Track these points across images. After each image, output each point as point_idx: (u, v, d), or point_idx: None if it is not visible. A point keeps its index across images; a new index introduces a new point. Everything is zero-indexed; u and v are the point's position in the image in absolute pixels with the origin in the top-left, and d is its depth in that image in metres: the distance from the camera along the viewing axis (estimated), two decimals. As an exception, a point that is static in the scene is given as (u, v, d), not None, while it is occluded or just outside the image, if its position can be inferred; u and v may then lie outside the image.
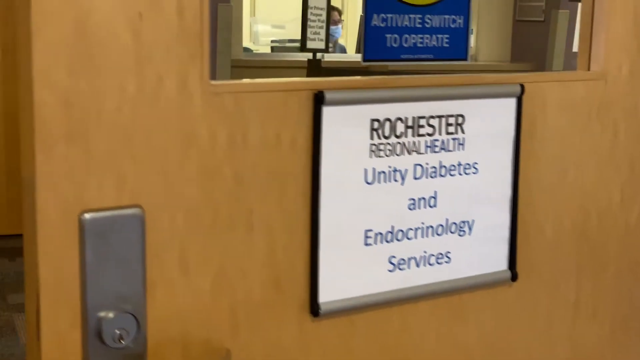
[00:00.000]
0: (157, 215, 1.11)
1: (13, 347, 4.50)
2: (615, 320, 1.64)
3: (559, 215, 1.53)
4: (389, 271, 1.33)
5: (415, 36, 1.23)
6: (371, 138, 1.28)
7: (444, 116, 1.35)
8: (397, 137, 1.30)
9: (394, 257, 1.33)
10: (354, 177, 1.28)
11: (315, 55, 6.10)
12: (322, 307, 1.26)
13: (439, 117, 1.34)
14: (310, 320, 1.27)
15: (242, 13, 7.91)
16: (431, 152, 1.34)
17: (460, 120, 1.37)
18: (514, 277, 1.46)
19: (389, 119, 1.29)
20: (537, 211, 1.49)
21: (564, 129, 1.50)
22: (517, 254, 1.46)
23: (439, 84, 1.35)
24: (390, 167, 1.30)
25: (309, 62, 6.13)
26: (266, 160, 1.20)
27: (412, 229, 1.34)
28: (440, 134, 1.35)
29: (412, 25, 1.22)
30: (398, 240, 1.33)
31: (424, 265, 1.36)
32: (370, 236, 1.30)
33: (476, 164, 1.39)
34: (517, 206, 1.45)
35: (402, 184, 1.32)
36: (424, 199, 1.35)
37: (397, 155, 1.31)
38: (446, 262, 1.39)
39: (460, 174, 1.38)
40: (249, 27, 12.57)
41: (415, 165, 1.33)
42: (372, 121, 1.28)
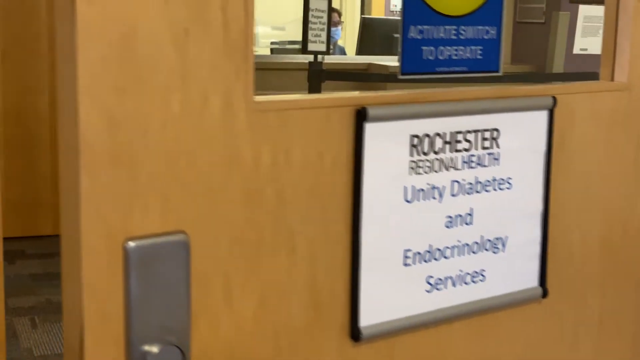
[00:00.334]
0: (201, 240, 1.05)
1: (13, 351, 4.39)
2: (637, 335, 1.61)
3: (585, 228, 1.50)
4: (426, 291, 1.28)
5: (450, 48, 1.19)
6: (411, 155, 1.23)
7: (479, 130, 1.31)
8: (436, 153, 1.26)
9: (432, 277, 1.28)
10: (394, 196, 1.23)
11: (316, 57, 6.02)
12: (362, 331, 1.21)
13: (475, 131, 1.30)
14: (350, 345, 1.21)
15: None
16: (468, 167, 1.30)
17: (495, 134, 1.32)
18: (544, 294, 1.43)
19: (427, 135, 1.25)
20: (565, 225, 1.46)
21: (589, 140, 1.47)
22: (547, 269, 1.43)
23: (474, 97, 1.31)
24: (428, 184, 1.26)
25: (310, 64, 6.04)
26: (308, 179, 1.14)
27: (449, 248, 1.30)
28: (476, 149, 1.30)
29: (447, 37, 1.17)
30: (435, 259, 1.28)
31: (460, 285, 1.32)
32: (409, 256, 1.25)
33: (510, 179, 1.35)
34: (547, 221, 1.41)
35: (440, 202, 1.27)
36: (460, 216, 1.30)
37: (436, 172, 1.26)
38: (481, 281, 1.34)
39: (495, 189, 1.34)
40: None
41: (453, 182, 1.29)
42: (411, 137, 1.23)
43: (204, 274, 1.06)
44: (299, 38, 6.29)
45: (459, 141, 1.28)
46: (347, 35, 11.97)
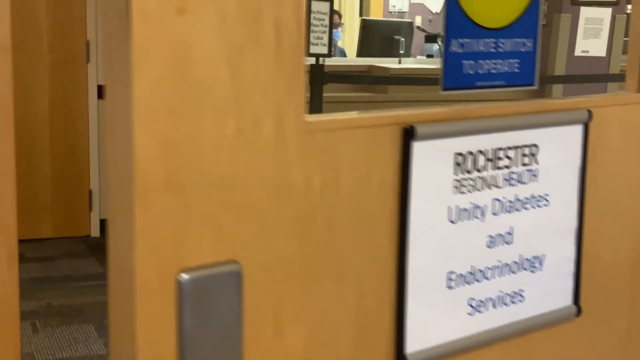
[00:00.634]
0: (253, 270, 0.99)
1: (15, 355, 4.27)
2: (663, 350, 1.58)
3: (615, 244, 1.46)
4: (468, 314, 1.24)
5: (489, 62, 1.15)
6: (455, 173, 1.19)
7: (519, 146, 1.26)
8: (478, 171, 1.21)
9: (473, 299, 1.24)
10: (438, 216, 1.18)
11: (318, 60, 5.93)
12: (409, 358, 1.16)
13: (516, 147, 1.26)
14: (396, 373, 1.16)
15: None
16: (508, 185, 1.26)
17: (534, 150, 1.28)
18: (578, 312, 1.39)
19: (471, 152, 1.20)
20: (597, 241, 1.42)
21: (620, 154, 1.44)
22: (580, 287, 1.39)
23: (514, 112, 1.27)
24: (471, 203, 1.21)
25: (311, 67, 5.95)
26: (357, 202, 1.09)
27: (489, 268, 1.25)
28: (516, 165, 1.26)
29: (487, 50, 1.13)
30: (477, 281, 1.24)
31: (500, 306, 1.28)
32: (452, 278, 1.21)
33: (547, 195, 1.31)
34: (582, 238, 1.38)
35: (482, 221, 1.23)
36: (501, 235, 1.26)
37: (478, 190, 1.22)
38: (520, 301, 1.30)
39: (533, 207, 1.30)
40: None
41: (494, 200, 1.24)
42: (455, 155, 1.18)
43: (255, 305, 1.00)
44: (301, 40, 6.19)
45: (500, 158, 1.24)
46: (346, 37, 11.88)
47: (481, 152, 1.21)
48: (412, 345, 1.17)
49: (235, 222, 0.97)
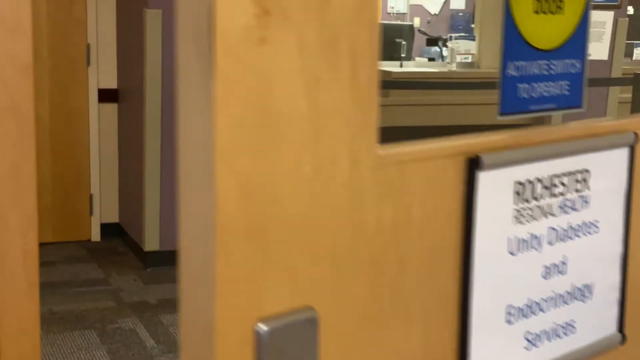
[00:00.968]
0: (327, 315, 0.93)
1: None
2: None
3: (653, 267, 1.42)
4: (524, 349, 1.19)
5: (541, 84, 1.10)
6: (515, 203, 1.13)
7: (573, 172, 1.22)
8: (536, 199, 1.16)
9: (530, 332, 1.19)
10: (499, 249, 1.12)
11: None
12: (472, 399, 1.11)
13: (570, 174, 1.21)
14: (459, 415, 1.11)
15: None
16: (563, 213, 1.21)
17: (586, 175, 1.24)
18: (623, 340, 1.35)
19: (530, 180, 1.15)
20: (639, 266, 1.38)
21: (659, 175, 1.40)
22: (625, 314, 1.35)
23: (567, 136, 1.22)
24: (529, 233, 1.16)
25: None
26: (426, 237, 1.03)
27: (545, 300, 1.20)
28: (570, 192, 1.21)
29: (540, 72, 1.08)
30: (533, 314, 1.19)
31: (554, 339, 1.23)
32: (511, 312, 1.15)
33: (597, 222, 1.27)
34: (627, 264, 1.33)
35: (539, 252, 1.18)
36: (556, 265, 1.21)
37: (536, 220, 1.17)
38: (572, 332, 1.25)
39: (584, 234, 1.25)
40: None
41: (549, 229, 1.19)
42: (515, 184, 1.13)
43: (330, 351, 0.93)
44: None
45: (555, 185, 1.19)
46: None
47: (539, 179, 1.16)
48: (474, 385, 1.11)
49: (310, 265, 0.90)
